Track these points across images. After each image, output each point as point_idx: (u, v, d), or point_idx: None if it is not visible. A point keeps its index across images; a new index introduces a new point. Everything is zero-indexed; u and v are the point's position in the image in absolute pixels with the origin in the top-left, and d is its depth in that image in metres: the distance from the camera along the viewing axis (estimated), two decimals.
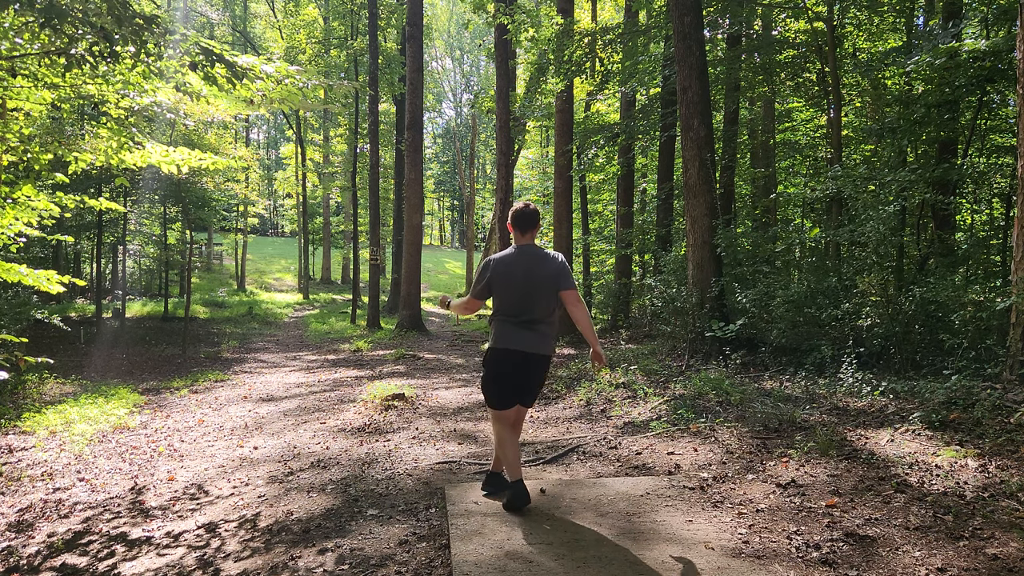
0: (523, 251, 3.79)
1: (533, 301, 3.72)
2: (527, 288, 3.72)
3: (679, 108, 9.26)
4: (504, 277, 3.75)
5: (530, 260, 3.76)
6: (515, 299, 3.73)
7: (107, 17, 4.00)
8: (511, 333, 3.74)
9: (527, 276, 3.72)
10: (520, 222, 3.84)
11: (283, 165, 43.04)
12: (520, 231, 3.84)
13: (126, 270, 23.98)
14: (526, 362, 3.76)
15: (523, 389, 3.86)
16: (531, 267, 3.73)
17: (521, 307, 3.73)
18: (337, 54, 23.31)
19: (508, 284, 3.74)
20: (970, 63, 7.54)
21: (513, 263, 3.76)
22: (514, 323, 3.74)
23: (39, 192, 6.05)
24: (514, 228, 3.85)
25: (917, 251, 9.11)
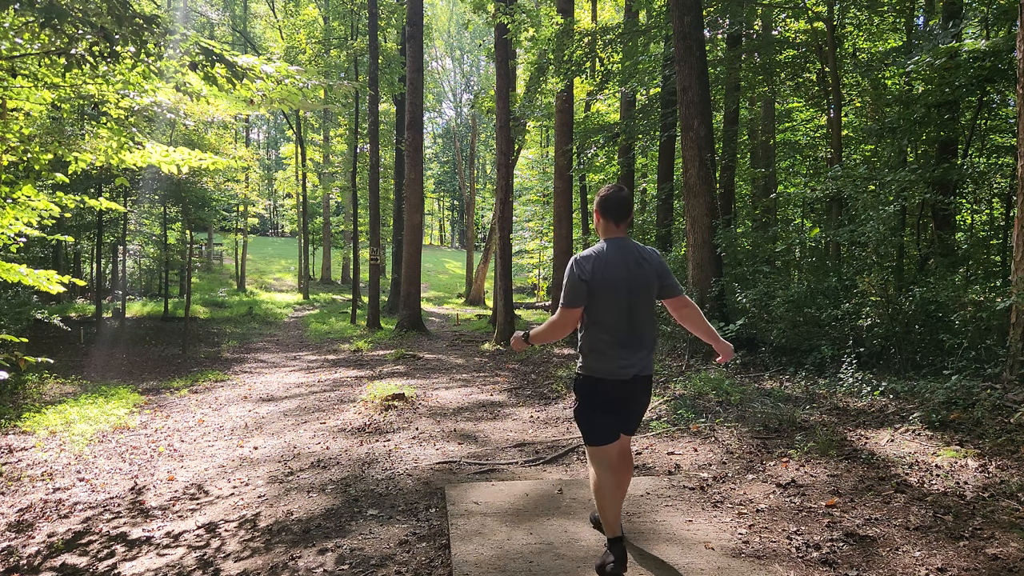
0: (620, 247, 3.02)
1: (640, 310, 3.01)
2: (632, 294, 2.98)
3: (679, 108, 9.26)
4: (606, 282, 2.95)
5: (631, 258, 3.00)
6: (621, 309, 2.96)
7: (107, 17, 4.00)
8: (619, 355, 2.97)
9: (631, 279, 2.97)
10: (613, 209, 3.06)
11: (283, 165, 43.04)
12: (613, 220, 3.07)
13: (126, 270, 23.98)
14: (637, 387, 3.06)
15: (630, 417, 3.16)
16: (633, 267, 2.99)
17: (629, 320, 2.98)
18: (337, 54, 23.30)
19: (611, 291, 2.95)
20: (970, 63, 7.54)
21: (612, 263, 2.97)
22: (621, 341, 2.97)
23: (39, 192, 6.04)
24: (604, 217, 3.08)
25: (917, 251, 9.11)
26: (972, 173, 8.47)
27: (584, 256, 3.01)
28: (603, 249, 3.01)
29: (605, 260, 2.97)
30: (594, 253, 3.00)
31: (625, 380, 2.98)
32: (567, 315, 3.01)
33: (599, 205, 3.11)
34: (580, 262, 2.99)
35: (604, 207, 3.09)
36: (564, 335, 3.03)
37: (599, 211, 3.11)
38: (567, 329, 3.04)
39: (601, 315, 2.97)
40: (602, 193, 3.13)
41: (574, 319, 3.02)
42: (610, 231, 3.09)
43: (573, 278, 2.98)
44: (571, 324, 3.03)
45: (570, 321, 3.01)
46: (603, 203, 3.10)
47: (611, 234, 3.08)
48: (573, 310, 2.99)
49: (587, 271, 2.96)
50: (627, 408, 3.11)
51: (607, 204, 3.08)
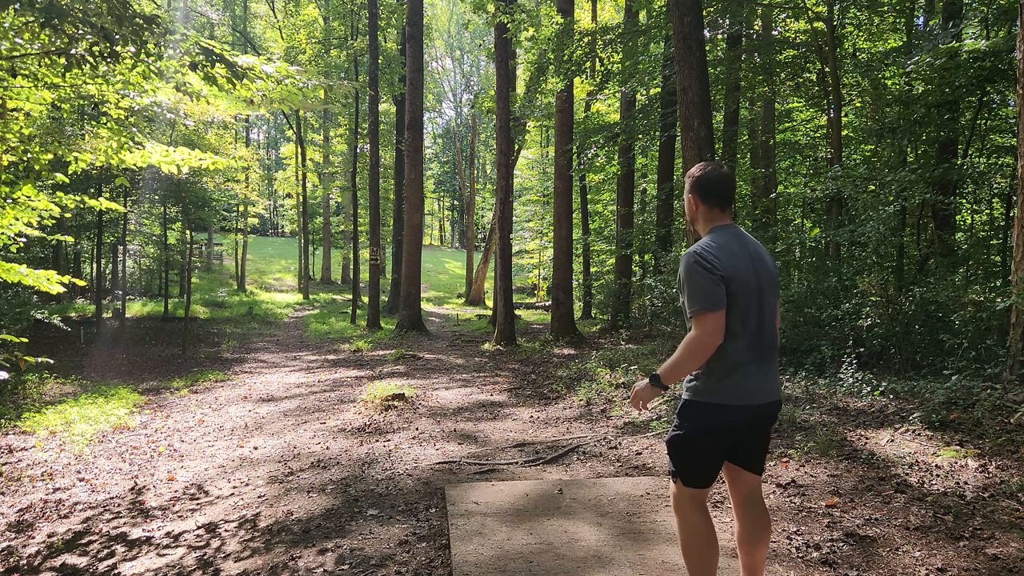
0: (738, 236, 2.45)
1: (771, 316, 2.44)
2: (763, 296, 2.40)
3: (679, 108, 9.25)
4: (740, 280, 2.34)
5: (753, 251, 2.44)
6: (752, 315, 2.37)
7: (107, 17, 4.00)
8: (754, 375, 2.36)
9: (759, 277, 2.40)
10: (720, 192, 2.47)
11: (283, 165, 43.03)
12: (719, 206, 2.47)
13: (126, 270, 23.97)
14: (769, 416, 2.46)
15: (757, 451, 2.52)
16: (759, 262, 2.43)
17: (761, 328, 2.39)
18: (337, 54, 23.30)
19: (745, 291, 2.35)
20: (970, 63, 7.53)
21: (740, 256, 2.38)
22: (756, 356, 2.38)
23: (39, 192, 6.04)
24: (708, 203, 2.47)
25: (917, 251, 9.11)
26: (972, 173, 8.47)
27: (706, 248, 2.35)
28: (725, 240, 2.38)
29: (733, 252, 2.36)
30: (720, 245, 2.36)
31: (759, 407, 2.38)
32: (715, 322, 2.26)
33: (700, 189, 2.47)
34: (706, 255, 2.31)
35: (708, 191, 2.46)
36: (710, 354, 2.29)
37: (699, 197, 2.47)
38: (716, 342, 2.28)
39: (738, 323, 2.33)
40: (699, 174, 2.50)
41: (722, 325, 2.28)
42: (716, 219, 2.46)
43: (705, 276, 2.28)
44: (720, 333, 2.28)
45: (719, 329, 2.27)
46: (706, 187, 2.46)
47: (719, 222, 2.46)
48: (719, 313, 2.27)
49: (722, 265, 2.30)
50: (752, 441, 2.48)
51: (712, 187, 2.45)
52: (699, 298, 2.28)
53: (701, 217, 2.50)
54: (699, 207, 2.50)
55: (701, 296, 2.28)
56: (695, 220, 2.53)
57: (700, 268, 2.30)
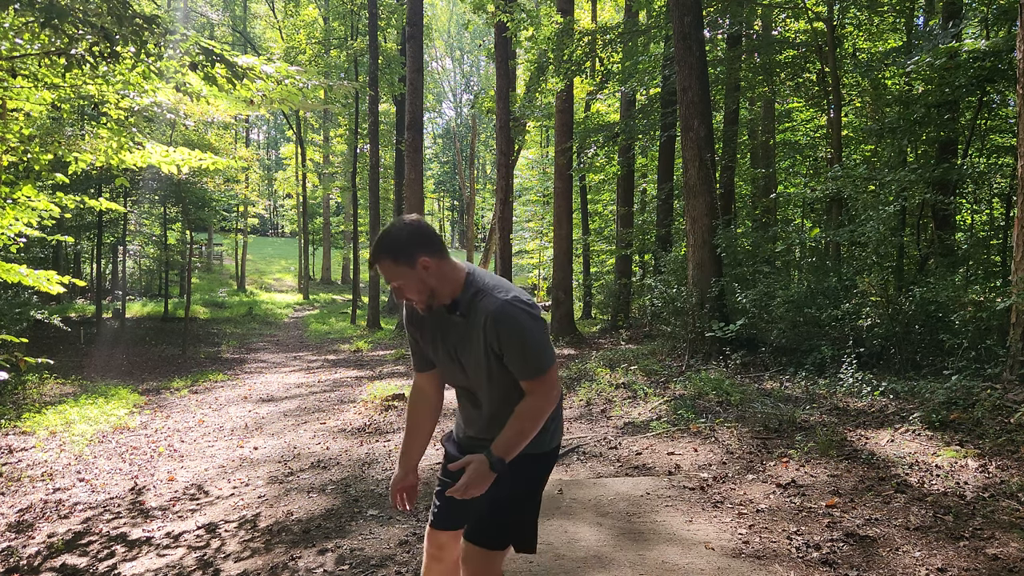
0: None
1: None
2: None
3: (679, 108, 9.26)
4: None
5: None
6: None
7: (107, 17, 4.00)
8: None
9: None
10: (438, 237, 2.03)
11: (283, 165, 43.03)
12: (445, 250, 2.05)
13: (126, 270, 23.97)
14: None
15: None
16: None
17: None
18: (337, 54, 23.30)
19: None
20: (970, 63, 7.53)
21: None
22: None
23: (39, 192, 6.04)
24: (442, 254, 1.99)
25: (917, 251, 9.11)
26: (972, 173, 8.47)
27: (517, 291, 2.02)
28: (490, 276, 2.07)
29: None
30: (506, 283, 2.05)
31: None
32: (555, 376, 2.02)
33: (426, 245, 1.94)
34: (535, 306, 2.01)
35: (436, 243, 1.97)
36: (552, 403, 2.01)
37: (434, 254, 1.95)
38: (558, 397, 2.05)
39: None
40: (419, 232, 1.95)
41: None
42: (458, 267, 2.02)
43: (543, 325, 2.00)
44: (559, 389, 2.05)
45: (558, 384, 2.04)
46: (429, 238, 1.95)
47: (463, 267, 2.04)
48: (555, 367, 2.04)
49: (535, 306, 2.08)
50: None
51: (433, 236, 1.97)
52: (546, 353, 1.96)
53: (443, 271, 1.97)
54: (438, 264, 1.95)
55: (546, 351, 1.96)
56: (441, 284, 1.96)
57: (540, 320, 1.97)
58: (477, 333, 1.95)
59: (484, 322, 1.92)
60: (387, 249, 1.90)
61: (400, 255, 1.89)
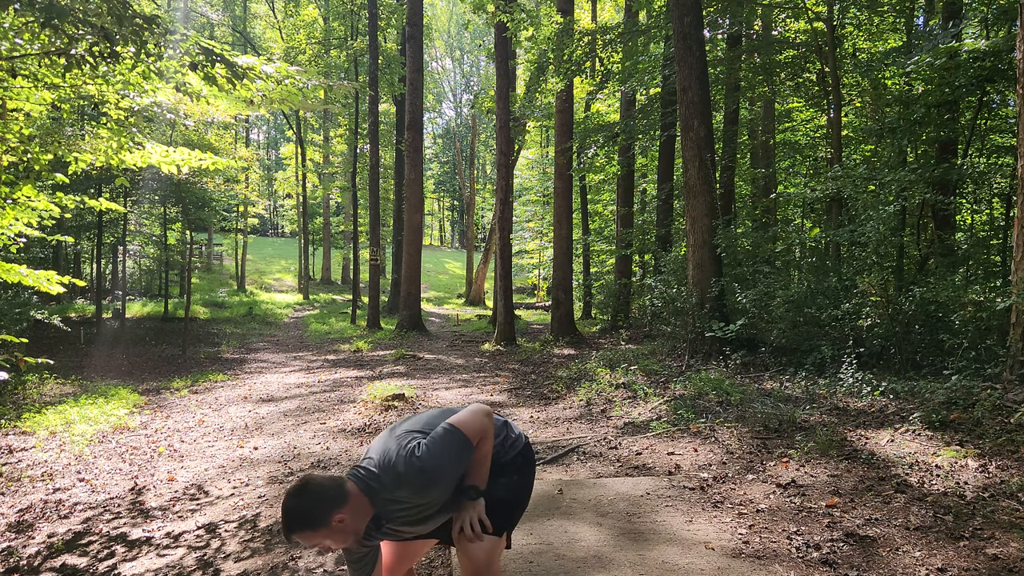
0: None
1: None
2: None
3: (679, 108, 9.26)
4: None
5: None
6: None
7: (107, 17, 4.00)
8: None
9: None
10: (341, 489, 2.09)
11: (283, 165, 43.03)
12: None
13: (126, 270, 23.97)
14: None
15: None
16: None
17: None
18: (337, 54, 23.30)
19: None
20: (970, 63, 7.53)
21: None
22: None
23: (39, 192, 6.04)
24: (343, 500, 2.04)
25: (917, 251, 9.11)
26: (972, 173, 8.47)
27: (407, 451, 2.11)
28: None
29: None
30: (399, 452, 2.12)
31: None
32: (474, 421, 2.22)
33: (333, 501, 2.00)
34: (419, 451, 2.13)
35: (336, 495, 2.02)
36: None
37: (342, 504, 2.00)
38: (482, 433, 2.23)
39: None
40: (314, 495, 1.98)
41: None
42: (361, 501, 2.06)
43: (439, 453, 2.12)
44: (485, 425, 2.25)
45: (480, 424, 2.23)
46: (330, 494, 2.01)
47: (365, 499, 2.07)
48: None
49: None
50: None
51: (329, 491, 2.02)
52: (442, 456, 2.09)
53: (355, 510, 2.03)
54: (350, 510, 2.01)
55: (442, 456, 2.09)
56: (358, 518, 2.04)
57: (424, 457, 2.08)
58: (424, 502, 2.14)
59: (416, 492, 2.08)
60: (302, 524, 1.95)
61: (317, 524, 1.95)
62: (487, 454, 2.26)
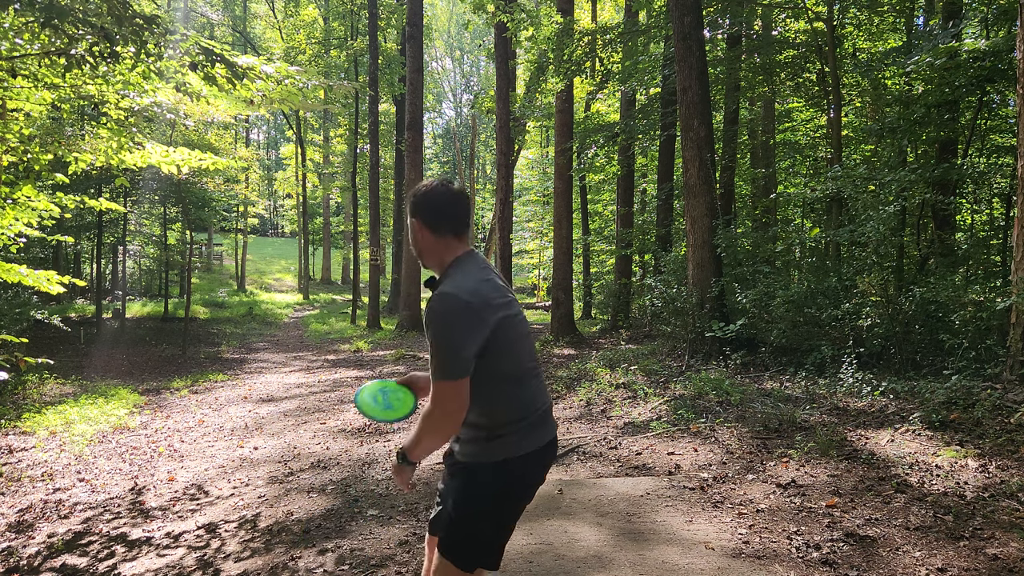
0: (483, 262, 2.04)
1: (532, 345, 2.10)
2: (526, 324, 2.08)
3: (679, 108, 9.26)
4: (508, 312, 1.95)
5: (499, 278, 2.06)
6: (528, 346, 2.04)
7: (107, 17, 4.00)
8: (540, 415, 2.02)
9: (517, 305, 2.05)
10: (451, 215, 2.00)
11: (283, 165, 43.02)
12: (453, 232, 2.00)
13: (126, 270, 23.97)
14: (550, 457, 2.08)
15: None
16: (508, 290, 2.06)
17: (534, 358, 2.07)
18: (337, 54, 23.30)
19: (515, 323, 1.98)
20: (970, 63, 7.53)
21: (496, 284, 1.98)
22: (538, 391, 2.05)
23: (39, 192, 6.04)
24: (441, 228, 1.98)
25: (917, 251, 9.11)
26: (972, 173, 8.46)
27: (463, 288, 1.86)
28: (474, 268, 1.96)
29: (489, 281, 1.95)
30: (483, 281, 1.92)
31: (546, 448, 2.02)
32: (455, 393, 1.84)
33: (426, 212, 1.98)
34: (474, 305, 1.85)
35: (437, 215, 1.98)
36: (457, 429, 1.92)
37: (426, 222, 1.98)
38: (461, 415, 1.86)
39: (510, 361, 1.95)
40: (423, 191, 2.00)
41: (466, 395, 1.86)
42: (453, 247, 2.00)
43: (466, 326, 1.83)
44: (465, 405, 1.86)
45: (464, 401, 1.85)
46: (434, 208, 1.98)
47: (458, 250, 2.00)
48: (462, 382, 1.84)
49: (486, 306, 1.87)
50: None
51: (443, 209, 1.98)
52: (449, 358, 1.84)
53: (436, 249, 1.99)
54: (428, 237, 1.99)
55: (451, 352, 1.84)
56: (423, 253, 2.02)
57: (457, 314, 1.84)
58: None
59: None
60: (410, 196, 2.06)
61: (409, 204, 2.05)
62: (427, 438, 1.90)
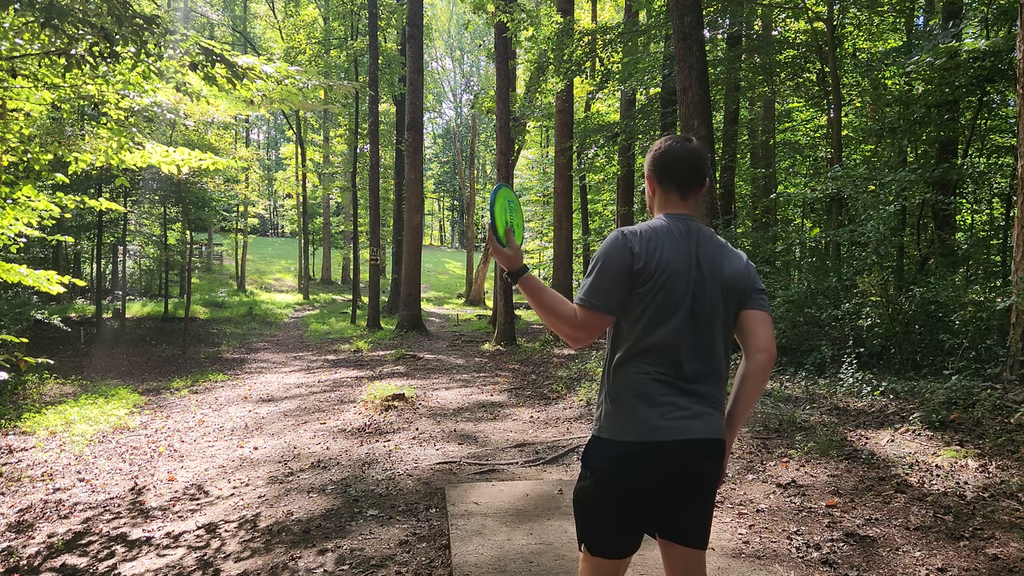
0: (691, 229, 1.85)
1: (710, 329, 1.81)
2: (702, 303, 1.80)
3: (679, 108, 9.25)
4: (667, 274, 1.77)
5: (706, 246, 1.85)
6: (678, 323, 1.78)
7: (107, 17, 4.00)
8: (666, 404, 1.77)
9: (703, 279, 1.81)
10: (676, 171, 1.89)
11: (283, 165, 43.02)
12: (676, 189, 1.89)
13: (126, 270, 23.97)
14: (694, 465, 1.81)
15: (687, 514, 1.92)
16: (709, 262, 1.83)
17: (692, 341, 1.79)
18: (337, 54, 23.31)
19: (668, 289, 1.77)
20: (970, 63, 7.54)
21: (676, 247, 1.80)
22: (671, 379, 1.78)
23: (39, 192, 6.04)
24: (664, 184, 1.90)
25: (917, 251, 9.11)
26: (972, 173, 8.47)
27: (633, 230, 1.81)
28: (664, 225, 1.83)
29: (667, 241, 1.80)
30: (650, 228, 1.82)
31: (684, 445, 1.76)
32: (587, 321, 1.77)
33: (655, 165, 1.91)
34: (628, 236, 1.79)
35: (664, 170, 1.89)
36: (563, 335, 1.83)
37: (655, 177, 1.91)
38: (577, 340, 1.80)
39: (650, 330, 1.77)
40: (657, 148, 1.92)
41: (595, 329, 1.79)
42: (673, 204, 1.90)
43: (612, 258, 1.77)
44: (586, 337, 1.80)
45: (588, 330, 1.79)
46: (662, 164, 1.90)
47: (675, 208, 1.89)
48: (599, 315, 1.77)
49: (639, 250, 1.76)
50: (688, 502, 1.87)
51: (669, 165, 1.89)
52: (590, 284, 1.80)
53: (656, 203, 1.95)
54: (654, 191, 1.95)
55: (591, 282, 1.80)
56: (651, 207, 1.98)
57: (611, 247, 1.81)
58: None
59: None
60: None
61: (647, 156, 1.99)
62: (548, 309, 1.80)
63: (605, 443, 1.81)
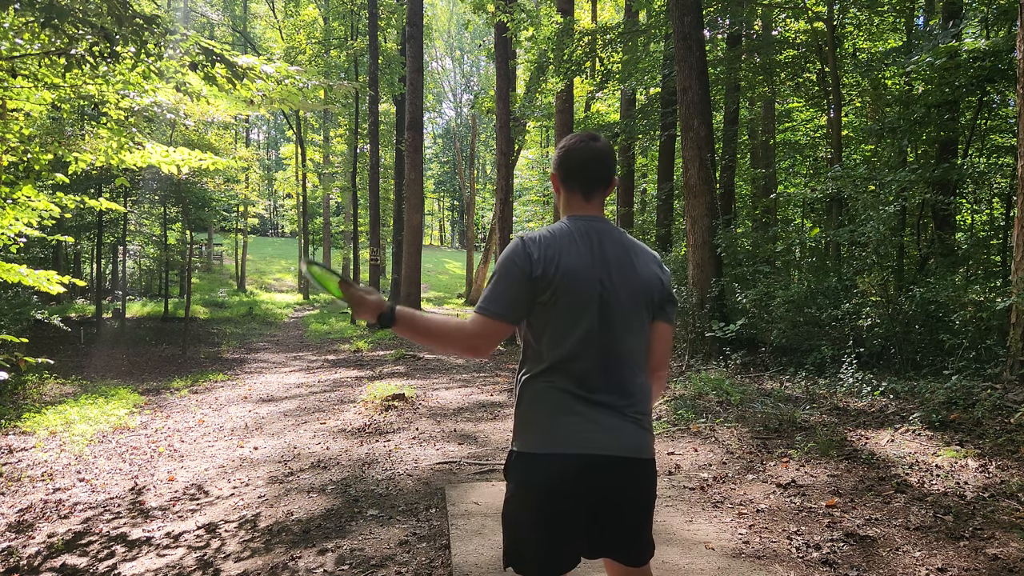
0: (594, 230, 1.77)
1: (623, 336, 1.72)
2: (610, 306, 1.71)
3: (679, 108, 9.26)
4: (562, 279, 1.68)
5: (612, 247, 1.75)
6: (584, 331, 1.69)
7: (107, 17, 4.00)
8: (578, 416, 1.69)
9: (613, 281, 1.72)
10: (577, 171, 1.80)
11: (283, 165, 43.02)
12: (582, 190, 1.80)
13: (126, 270, 23.97)
14: (615, 481, 1.70)
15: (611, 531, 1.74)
16: (615, 262, 1.74)
17: (601, 350, 1.70)
18: (337, 54, 23.31)
19: (570, 296, 1.69)
20: (970, 63, 7.53)
21: (580, 251, 1.72)
22: (582, 391, 1.70)
23: (39, 192, 6.05)
24: (567, 183, 1.82)
25: (917, 251, 9.11)
26: (972, 173, 8.46)
27: (533, 236, 1.73)
28: (565, 228, 1.75)
29: (567, 246, 1.71)
30: (550, 233, 1.74)
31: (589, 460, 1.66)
32: (484, 328, 1.69)
33: (558, 165, 1.83)
34: (527, 242, 1.71)
35: (567, 170, 1.81)
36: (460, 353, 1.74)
37: (558, 175, 1.83)
38: (475, 350, 1.71)
39: (555, 342, 1.70)
40: (561, 146, 1.84)
41: (493, 338, 1.71)
42: (577, 205, 1.81)
43: (511, 266, 1.69)
44: (484, 345, 1.71)
45: (485, 339, 1.70)
46: (564, 163, 1.81)
47: (579, 209, 1.80)
48: (497, 323, 1.69)
49: (538, 256, 1.68)
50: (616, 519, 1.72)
51: (572, 165, 1.80)
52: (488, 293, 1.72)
53: (562, 205, 1.85)
54: (559, 190, 1.85)
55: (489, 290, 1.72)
56: (558, 206, 1.90)
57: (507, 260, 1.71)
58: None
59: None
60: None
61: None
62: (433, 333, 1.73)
63: (518, 456, 1.75)
